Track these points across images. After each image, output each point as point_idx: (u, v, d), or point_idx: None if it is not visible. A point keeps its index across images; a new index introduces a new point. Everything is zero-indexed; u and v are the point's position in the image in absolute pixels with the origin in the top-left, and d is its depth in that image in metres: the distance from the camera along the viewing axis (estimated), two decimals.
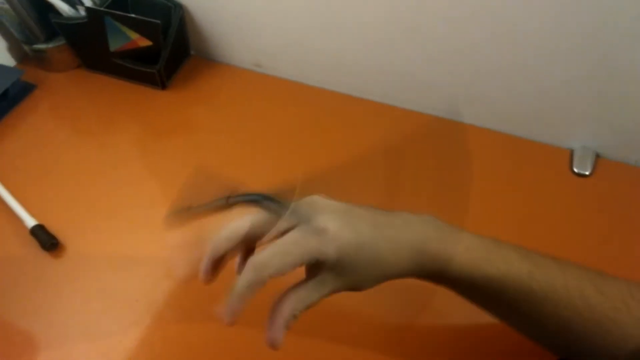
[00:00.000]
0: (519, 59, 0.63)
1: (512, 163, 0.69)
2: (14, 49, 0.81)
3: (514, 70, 0.64)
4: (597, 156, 0.69)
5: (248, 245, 0.39)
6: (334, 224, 0.34)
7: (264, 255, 0.34)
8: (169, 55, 0.76)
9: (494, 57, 0.64)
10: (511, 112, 0.70)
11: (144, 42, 0.73)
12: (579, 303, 0.36)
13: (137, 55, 0.75)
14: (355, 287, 0.36)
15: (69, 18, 0.74)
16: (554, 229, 0.62)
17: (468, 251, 0.37)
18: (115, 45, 0.75)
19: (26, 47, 0.79)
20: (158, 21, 0.70)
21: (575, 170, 0.67)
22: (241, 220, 0.38)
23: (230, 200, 0.37)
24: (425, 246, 0.36)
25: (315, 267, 0.35)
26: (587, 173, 0.67)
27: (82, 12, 0.73)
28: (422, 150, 0.70)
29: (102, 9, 0.70)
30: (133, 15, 0.70)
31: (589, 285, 0.37)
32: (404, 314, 0.54)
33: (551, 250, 0.39)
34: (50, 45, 0.77)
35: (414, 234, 0.37)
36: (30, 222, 0.60)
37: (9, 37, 0.80)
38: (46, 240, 0.58)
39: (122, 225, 0.62)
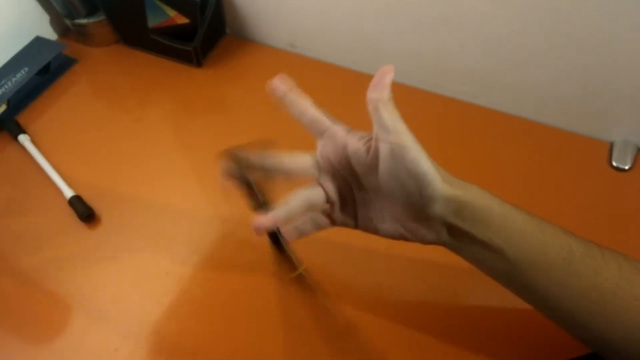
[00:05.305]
0: (559, 45, 0.61)
1: (548, 154, 0.67)
2: (56, 22, 0.83)
3: (552, 58, 0.62)
4: (639, 150, 0.67)
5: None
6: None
7: None
8: (205, 34, 0.76)
9: (531, 43, 0.62)
10: (549, 102, 0.68)
11: (182, 20, 0.74)
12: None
13: (175, 32, 0.76)
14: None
15: None
16: (590, 223, 0.60)
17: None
18: (153, 21, 0.75)
19: (67, 21, 0.80)
20: None
21: (614, 164, 0.65)
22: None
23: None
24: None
25: None
26: (626, 167, 0.65)
27: None
28: (454, 136, 0.69)
29: None
30: None
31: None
32: (430, 297, 0.54)
33: None
34: (90, 20, 0.79)
35: None
36: (69, 192, 0.62)
37: (51, 11, 0.81)
38: (83, 211, 0.60)
39: (156, 199, 0.63)
